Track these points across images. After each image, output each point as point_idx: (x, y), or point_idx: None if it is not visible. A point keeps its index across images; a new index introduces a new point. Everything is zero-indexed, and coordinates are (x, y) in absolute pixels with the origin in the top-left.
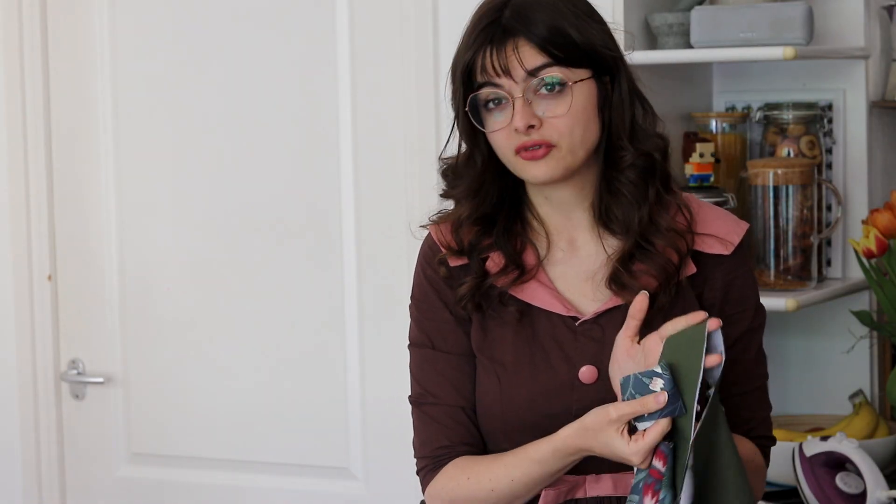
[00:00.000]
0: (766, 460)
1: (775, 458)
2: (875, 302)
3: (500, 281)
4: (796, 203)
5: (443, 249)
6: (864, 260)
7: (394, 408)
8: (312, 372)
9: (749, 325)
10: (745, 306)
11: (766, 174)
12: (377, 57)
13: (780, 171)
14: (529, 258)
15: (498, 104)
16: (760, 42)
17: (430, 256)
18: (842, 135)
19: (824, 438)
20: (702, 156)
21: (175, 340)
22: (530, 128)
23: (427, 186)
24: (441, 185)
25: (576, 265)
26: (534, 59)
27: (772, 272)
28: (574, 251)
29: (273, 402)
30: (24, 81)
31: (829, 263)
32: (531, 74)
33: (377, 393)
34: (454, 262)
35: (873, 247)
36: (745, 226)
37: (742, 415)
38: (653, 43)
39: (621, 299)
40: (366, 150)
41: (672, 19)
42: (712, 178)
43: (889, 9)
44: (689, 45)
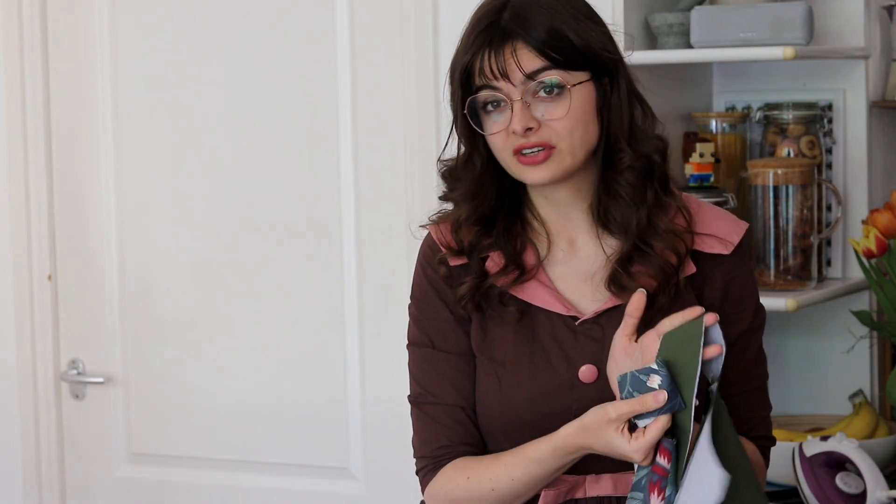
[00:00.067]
0: (766, 460)
1: (775, 458)
2: (875, 302)
3: (500, 281)
4: (796, 203)
5: (442, 249)
6: (864, 260)
7: (394, 408)
8: (312, 372)
9: (749, 324)
10: (745, 306)
11: (766, 174)
12: (377, 57)
13: (780, 171)
14: (529, 258)
15: (496, 106)
16: (760, 42)
17: (429, 256)
18: (842, 135)
19: (824, 438)
20: (702, 156)
21: (175, 340)
22: (528, 130)
23: (427, 186)
24: (441, 187)
25: (575, 265)
26: (532, 62)
27: (772, 272)
28: (574, 251)
29: (273, 402)
30: (24, 81)
31: (829, 263)
32: (529, 77)
33: (377, 393)
34: (454, 262)
35: (873, 247)
36: (744, 225)
37: (742, 415)
38: (653, 43)
39: (620, 300)
40: (366, 150)
41: (672, 19)
42: (712, 178)
43: (889, 9)
44: (689, 45)
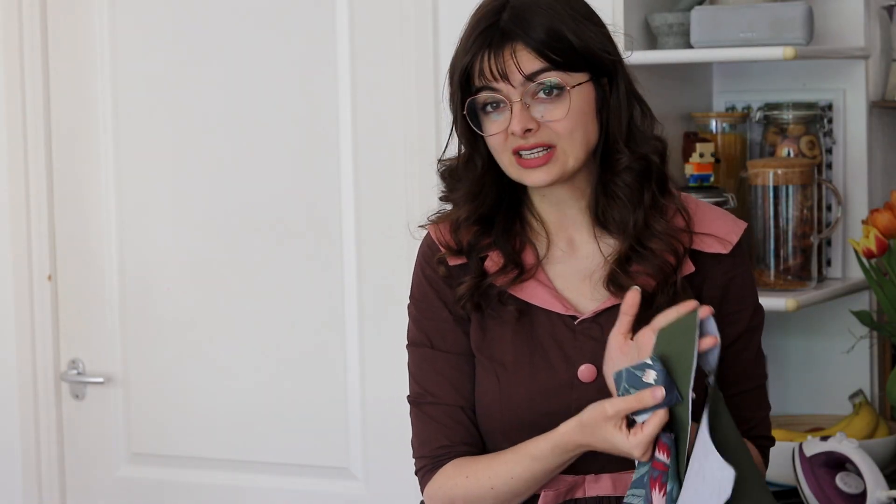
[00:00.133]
0: (766, 460)
1: (775, 458)
2: (875, 302)
3: (499, 280)
4: (796, 203)
5: (442, 249)
6: (864, 260)
7: (394, 408)
8: (312, 372)
9: (748, 324)
10: (744, 305)
11: (766, 174)
12: (377, 57)
13: (780, 171)
14: (528, 257)
15: (496, 108)
16: (760, 42)
17: (429, 256)
18: (842, 135)
19: (824, 438)
20: (702, 156)
21: (175, 340)
22: (528, 131)
23: (427, 186)
24: (440, 187)
25: (575, 265)
26: (531, 63)
27: (772, 272)
28: (573, 251)
29: (273, 402)
30: (24, 81)
31: (829, 263)
32: (529, 79)
33: (377, 393)
34: (453, 262)
35: (873, 247)
36: (743, 225)
37: (741, 415)
38: (653, 43)
39: (619, 299)
40: (366, 150)
41: (672, 19)
42: (712, 178)
43: (889, 9)
44: (689, 45)
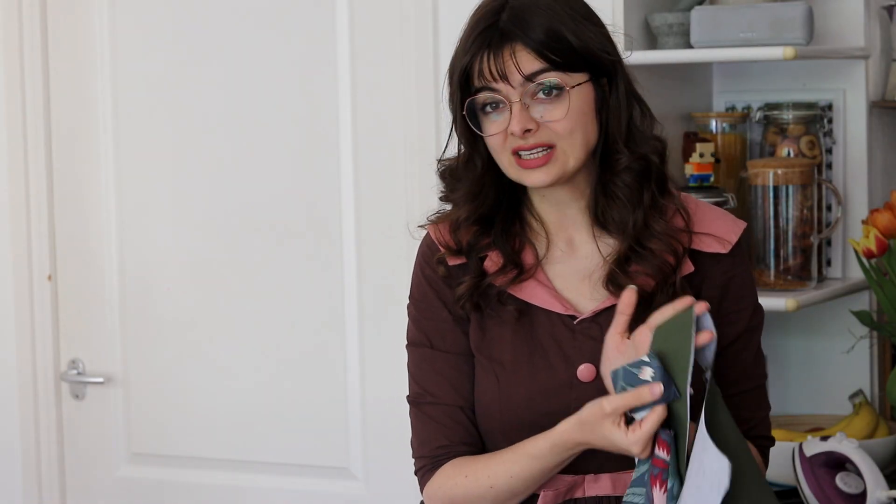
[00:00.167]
0: (766, 460)
1: (775, 458)
2: (875, 302)
3: (498, 280)
4: (796, 203)
5: (441, 249)
6: (864, 260)
7: (394, 408)
8: (312, 372)
9: (747, 324)
10: (743, 305)
11: (766, 174)
12: (377, 57)
13: (780, 171)
14: (528, 257)
15: (495, 108)
16: (760, 42)
17: (428, 256)
18: (842, 135)
19: (824, 438)
20: (702, 156)
21: (175, 340)
22: (527, 132)
23: (427, 186)
24: (440, 188)
25: (574, 265)
26: (531, 64)
27: (772, 272)
28: (573, 251)
29: (273, 402)
30: (24, 81)
31: (829, 263)
32: (528, 79)
33: (377, 393)
34: (452, 262)
35: (873, 247)
36: (742, 225)
37: (741, 415)
38: (653, 43)
39: (618, 299)
40: (366, 150)
41: (672, 19)
42: (712, 178)
43: (889, 9)
44: (689, 45)
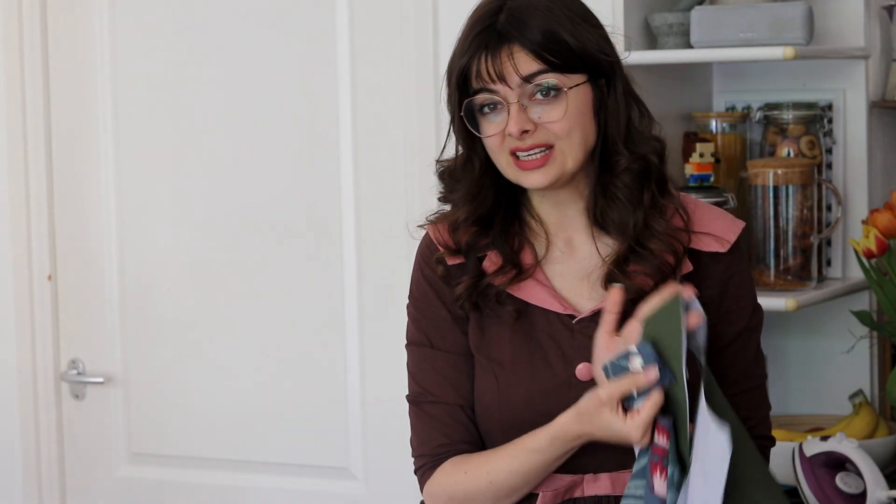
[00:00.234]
0: (766, 460)
1: (775, 458)
2: (875, 302)
3: (497, 280)
4: (796, 203)
5: (440, 249)
6: (864, 260)
7: (394, 408)
8: (312, 372)
9: (746, 324)
10: (743, 304)
11: (766, 174)
12: (377, 57)
13: (780, 171)
14: (527, 257)
15: (493, 109)
16: (760, 42)
17: (427, 255)
18: (842, 135)
19: (824, 438)
20: (702, 156)
21: (175, 340)
22: (524, 133)
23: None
24: (439, 188)
25: (573, 265)
26: (528, 65)
27: (772, 272)
28: (572, 251)
29: (273, 402)
30: (24, 81)
31: (829, 263)
32: (526, 80)
33: (377, 393)
34: (451, 261)
35: (873, 247)
36: (741, 224)
37: (741, 414)
38: (653, 43)
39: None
40: (366, 150)
41: (672, 19)
42: (712, 178)
43: (889, 9)
44: (689, 45)
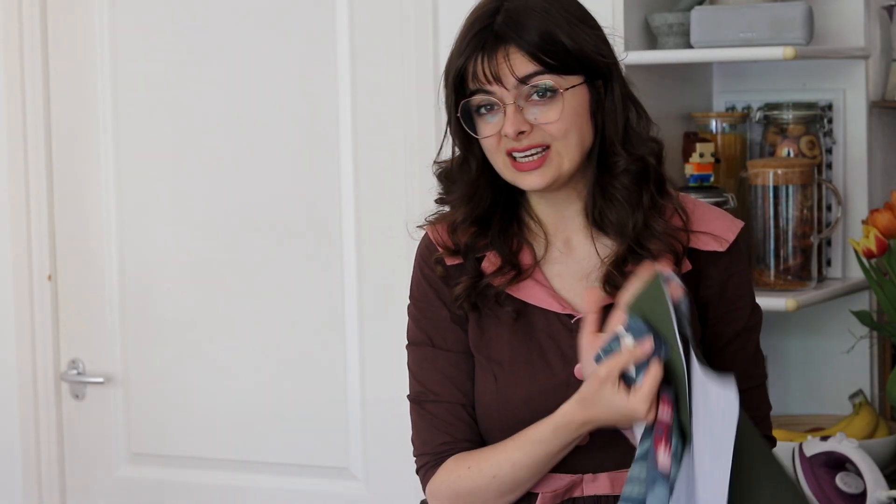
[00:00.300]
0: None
1: None
2: (875, 302)
3: (496, 280)
4: (796, 203)
5: (439, 249)
6: (864, 260)
7: (394, 408)
8: (312, 372)
9: (746, 323)
10: (741, 303)
11: (766, 174)
12: (377, 57)
13: (780, 171)
14: (525, 258)
15: (489, 110)
16: (760, 42)
17: (426, 256)
18: (842, 135)
19: (824, 438)
20: (702, 156)
21: (175, 340)
22: (521, 133)
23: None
24: (437, 189)
25: (572, 265)
26: (525, 66)
27: (772, 272)
28: (570, 251)
29: (273, 402)
30: (24, 81)
31: (829, 263)
32: (522, 82)
33: (377, 393)
34: (450, 262)
35: (873, 247)
36: (740, 224)
37: None
38: (653, 43)
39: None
40: (366, 150)
41: (672, 19)
42: (712, 178)
43: (889, 9)
44: (689, 45)
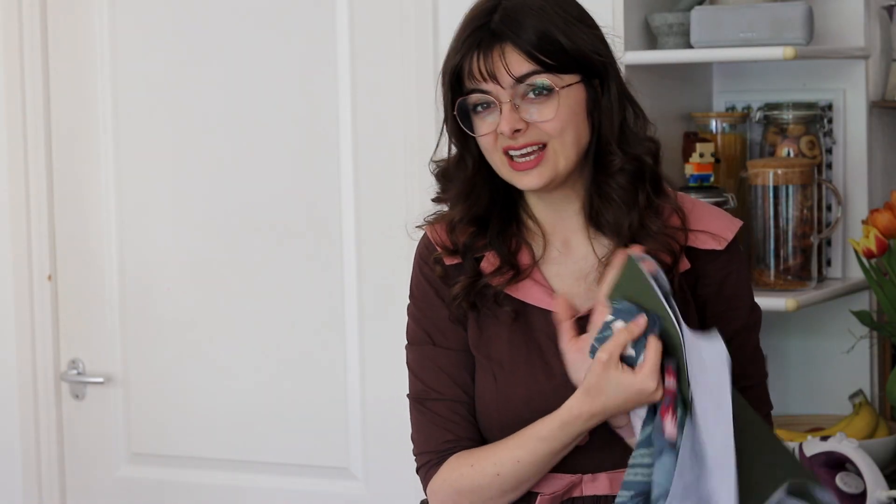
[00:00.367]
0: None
1: None
2: (875, 302)
3: (494, 280)
4: (796, 203)
5: (438, 249)
6: (864, 260)
7: (394, 408)
8: (312, 372)
9: (744, 322)
10: (740, 303)
11: (766, 174)
12: (377, 57)
13: (780, 171)
14: (524, 258)
15: (486, 108)
16: (760, 42)
17: (426, 255)
18: (842, 135)
19: (824, 438)
20: (702, 156)
21: (175, 340)
22: (516, 132)
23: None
24: (436, 188)
25: (570, 265)
26: (520, 65)
27: (772, 272)
28: (569, 251)
29: (273, 402)
30: (24, 81)
31: (829, 263)
32: (518, 81)
33: (377, 393)
34: (449, 262)
35: (873, 247)
36: (738, 223)
37: None
38: (653, 43)
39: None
40: (366, 150)
41: (672, 19)
42: (712, 178)
43: (889, 9)
44: (689, 45)
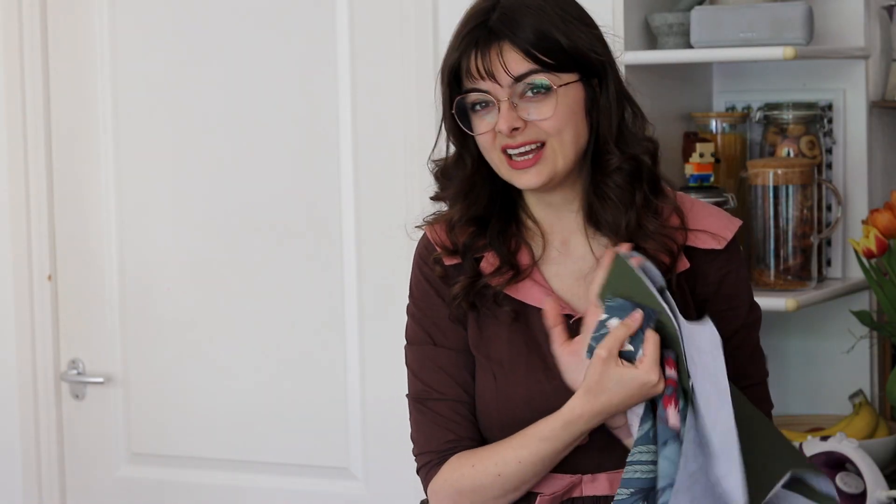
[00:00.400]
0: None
1: None
2: (875, 302)
3: (494, 281)
4: (796, 203)
5: (437, 249)
6: (864, 260)
7: (394, 408)
8: (312, 372)
9: (743, 321)
10: (739, 302)
11: (766, 174)
12: (377, 57)
13: (780, 171)
14: (524, 258)
15: (484, 107)
16: (760, 42)
17: (425, 255)
18: (842, 135)
19: (824, 438)
20: (702, 156)
21: (175, 340)
22: (514, 130)
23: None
24: (435, 188)
25: (570, 265)
26: (518, 64)
27: (772, 272)
28: (568, 252)
29: (273, 402)
30: (24, 81)
31: (829, 263)
32: (516, 80)
33: (377, 393)
34: (449, 262)
35: (873, 247)
36: (737, 222)
37: None
38: (653, 43)
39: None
40: (366, 150)
41: (672, 19)
42: (712, 178)
43: (889, 9)
44: (689, 45)
